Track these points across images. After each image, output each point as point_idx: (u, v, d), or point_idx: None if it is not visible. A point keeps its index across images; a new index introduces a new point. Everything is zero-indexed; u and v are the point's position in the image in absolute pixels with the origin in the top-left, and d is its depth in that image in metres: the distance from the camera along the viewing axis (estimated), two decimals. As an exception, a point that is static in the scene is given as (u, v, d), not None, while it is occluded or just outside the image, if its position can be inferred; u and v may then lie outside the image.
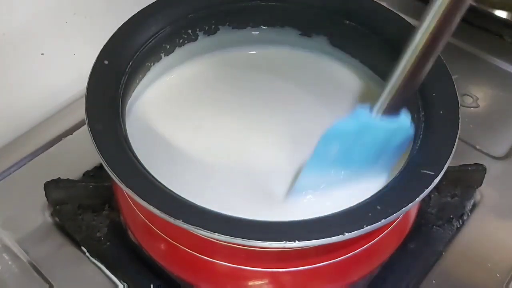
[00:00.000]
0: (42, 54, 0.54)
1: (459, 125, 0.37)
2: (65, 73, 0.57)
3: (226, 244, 0.34)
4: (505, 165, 0.53)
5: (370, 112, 0.37)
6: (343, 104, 0.46)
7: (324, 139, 0.37)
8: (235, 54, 0.49)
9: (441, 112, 0.38)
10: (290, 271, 0.38)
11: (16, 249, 0.46)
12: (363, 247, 0.38)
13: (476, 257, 0.46)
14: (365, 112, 0.37)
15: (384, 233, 0.39)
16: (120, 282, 0.44)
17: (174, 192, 0.34)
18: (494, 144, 0.54)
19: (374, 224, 0.32)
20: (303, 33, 0.48)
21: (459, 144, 0.36)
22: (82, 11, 0.55)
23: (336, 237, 0.31)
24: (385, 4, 0.45)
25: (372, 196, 0.34)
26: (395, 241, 0.42)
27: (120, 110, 0.38)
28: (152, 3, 0.44)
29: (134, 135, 0.38)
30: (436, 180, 0.34)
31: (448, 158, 0.35)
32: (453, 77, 0.40)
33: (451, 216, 0.48)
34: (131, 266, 0.45)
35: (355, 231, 0.32)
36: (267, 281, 0.39)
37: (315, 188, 0.38)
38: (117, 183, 0.33)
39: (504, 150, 0.54)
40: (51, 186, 0.47)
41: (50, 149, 0.53)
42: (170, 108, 0.45)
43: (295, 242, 0.31)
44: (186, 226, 0.31)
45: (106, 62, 0.40)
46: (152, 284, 0.44)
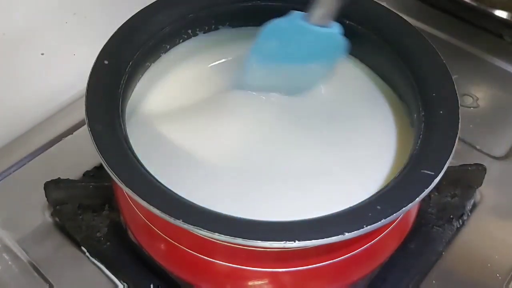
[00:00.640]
0: (42, 54, 0.54)
1: (459, 125, 0.37)
2: (65, 73, 0.57)
3: (226, 244, 0.34)
4: (505, 165, 0.53)
5: (304, 18, 0.40)
6: (342, 100, 0.46)
7: (264, 33, 0.41)
8: (235, 54, 0.49)
9: (441, 112, 0.38)
10: (290, 271, 0.38)
11: (16, 249, 0.46)
12: (363, 247, 0.38)
13: (476, 257, 0.46)
14: (300, 15, 0.41)
15: (384, 233, 0.39)
16: (120, 282, 0.44)
17: (174, 192, 0.34)
18: (494, 144, 0.54)
19: (374, 224, 0.32)
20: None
21: (459, 144, 0.36)
22: (82, 11, 0.55)
23: (336, 237, 0.31)
24: (385, 4, 0.45)
25: (372, 196, 0.34)
26: (395, 241, 0.42)
27: (120, 110, 0.38)
28: (152, 3, 0.44)
29: (134, 135, 0.38)
30: (436, 180, 0.34)
31: (448, 158, 0.35)
32: (453, 77, 0.40)
33: (451, 216, 0.48)
34: (131, 266, 0.45)
35: (355, 231, 0.32)
36: (267, 281, 0.39)
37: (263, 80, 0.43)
38: (117, 183, 0.33)
39: (504, 150, 0.54)
40: (51, 186, 0.47)
41: (50, 149, 0.53)
42: (170, 108, 0.45)
43: (295, 242, 0.31)
44: (186, 226, 0.31)
45: (106, 62, 0.40)
46: (152, 284, 0.44)
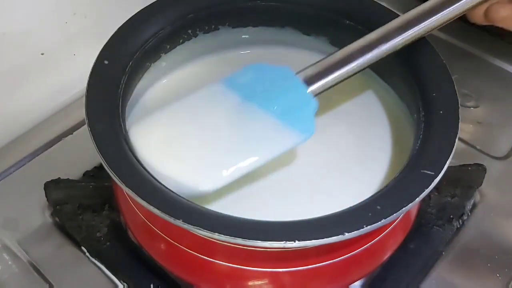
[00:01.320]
0: (42, 54, 0.54)
1: (459, 125, 0.37)
2: (65, 73, 0.57)
3: (226, 244, 0.34)
4: (505, 165, 0.53)
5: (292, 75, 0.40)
6: (342, 100, 0.46)
7: (248, 67, 0.41)
8: (236, 54, 0.49)
9: (441, 112, 0.38)
10: (290, 271, 0.38)
11: (16, 249, 0.46)
12: (363, 247, 0.38)
13: (476, 257, 0.46)
14: (289, 72, 0.40)
15: (384, 233, 0.39)
16: (120, 282, 0.44)
17: (174, 192, 0.34)
18: (494, 144, 0.54)
19: (374, 224, 0.32)
20: (303, 33, 0.48)
21: (459, 144, 0.36)
22: (82, 11, 0.55)
23: (336, 237, 0.31)
24: (385, 4, 0.45)
25: (372, 196, 0.34)
26: (395, 241, 0.42)
27: (120, 110, 0.38)
28: (152, 3, 0.44)
29: (134, 135, 0.38)
30: (436, 180, 0.34)
31: (448, 158, 0.35)
32: (453, 77, 0.40)
33: (451, 216, 0.48)
34: (131, 266, 0.45)
35: (355, 231, 0.32)
36: (267, 281, 0.39)
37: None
38: (117, 183, 0.33)
39: (504, 150, 0.54)
40: (51, 186, 0.47)
41: (50, 149, 0.53)
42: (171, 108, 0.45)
43: (295, 242, 0.31)
44: (186, 226, 0.31)
45: (106, 62, 0.40)
46: (152, 284, 0.44)
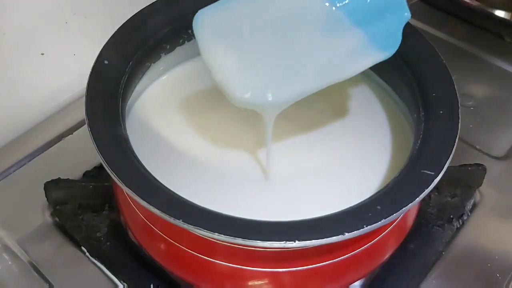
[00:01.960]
0: (42, 54, 0.54)
1: (459, 125, 0.37)
2: (65, 73, 0.57)
3: (226, 244, 0.34)
4: (505, 165, 0.53)
5: None
6: (342, 101, 0.46)
7: None
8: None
9: (441, 112, 0.38)
10: (290, 271, 0.38)
11: (16, 249, 0.46)
12: (363, 247, 0.38)
13: (476, 257, 0.46)
14: None
15: (384, 233, 0.39)
16: (120, 282, 0.44)
17: (174, 192, 0.34)
18: (494, 144, 0.54)
19: (374, 224, 0.32)
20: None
21: (459, 144, 0.36)
22: (82, 11, 0.55)
23: (336, 237, 0.31)
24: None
25: (372, 196, 0.34)
26: (395, 241, 0.42)
27: (120, 110, 0.38)
28: (152, 3, 0.44)
29: (134, 135, 0.38)
30: (436, 180, 0.34)
31: (448, 158, 0.35)
32: (453, 77, 0.40)
33: (451, 216, 0.48)
34: (131, 266, 0.45)
35: (355, 231, 0.32)
36: (267, 281, 0.39)
37: None
38: (117, 183, 0.33)
39: (504, 150, 0.54)
40: (51, 186, 0.47)
41: (50, 149, 0.53)
42: (171, 108, 0.45)
43: (295, 242, 0.31)
44: (186, 226, 0.31)
45: (106, 62, 0.40)
46: (152, 284, 0.44)
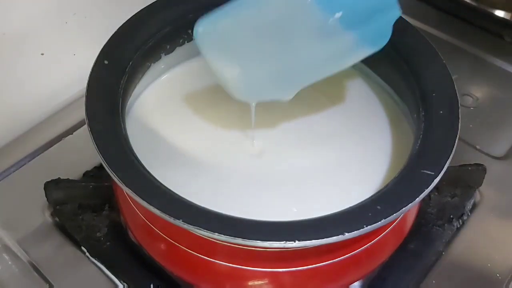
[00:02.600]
0: (42, 54, 0.54)
1: (459, 125, 0.37)
2: (65, 73, 0.57)
3: (226, 244, 0.34)
4: (505, 165, 0.53)
5: None
6: (342, 101, 0.46)
7: None
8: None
9: (441, 112, 0.38)
10: (290, 271, 0.38)
11: (16, 249, 0.46)
12: (363, 247, 0.38)
13: (476, 257, 0.46)
14: None
15: (384, 233, 0.39)
16: (120, 282, 0.44)
17: (174, 192, 0.34)
18: (494, 144, 0.54)
19: (374, 224, 0.32)
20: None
21: (459, 144, 0.36)
22: (82, 11, 0.55)
23: (336, 237, 0.31)
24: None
25: (372, 196, 0.34)
26: (395, 241, 0.42)
27: (120, 110, 0.38)
28: (152, 3, 0.44)
29: (134, 135, 0.38)
30: (436, 180, 0.34)
31: (448, 158, 0.35)
32: (453, 77, 0.40)
33: (451, 216, 0.48)
34: (131, 266, 0.45)
35: (355, 231, 0.32)
36: (267, 281, 0.39)
37: None
38: (117, 183, 0.33)
39: (504, 150, 0.54)
40: (51, 186, 0.47)
41: (50, 149, 0.53)
42: (171, 108, 0.45)
43: (295, 242, 0.31)
44: (186, 226, 0.31)
45: (106, 62, 0.40)
46: (152, 284, 0.44)
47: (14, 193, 0.50)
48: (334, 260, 0.38)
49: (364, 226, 0.32)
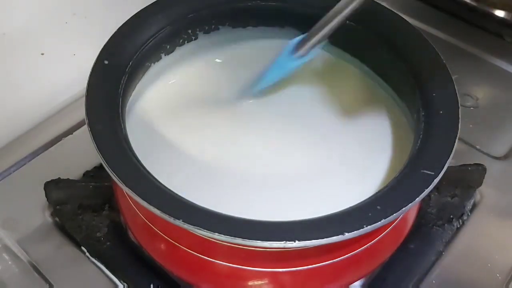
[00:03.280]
0: (42, 54, 0.54)
1: (459, 125, 0.37)
2: (65, 73, 0.57)
3: (226, 244, 0.34)
4: (505, 165, 0.53)
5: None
6: (343, 100, 0.46)
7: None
8: (236, 53, 0.49)
9: (441, 112, 0.38)
10: (290, 271, 0.38)
11: (16, 249, 0.46)
12: (363, 247, 0.38)
13: (476, 257, 0.46)
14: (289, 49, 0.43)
15: (384, 233, 0.39)
16: (120, 282, 0.44)
17: (174, 192, 0.34)
18: (494, 144, 0.54)
19: (374, 224, 0.32)
20: (304, 33, 0.48)
21: (459, 144, 0.36)
22: (82, 11, 0.55)
23: (336, 237, 0.31)
24: (385, 4, 0.45)
25: (372, 196, 0.34)
26: (395, 241, 0.42)
27: (120, 110, 0.38)
28: (152, 3, 0.44)
29: (134, 135, 0.38)
30: (436, 180, 0.34)
31: (448, 158, 0.35)
32: (453, 77, 0.40)
33: (451, 216, 0.48)
34: (131, 266, 0.45)
35: (355, 231, 0.32)
36: (267, 281, 0.39)
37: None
38: (117, 183, 0.33)
39: (504, 150, 0.54)
40: (51, 186, 0.47)
41: (50, 149, 0.53)
42: (171, 108, 0.45)
43: (295, 242, 0.31)
44: (186, 226, 0.31)
45: (106, 62, 0.40)
46: (152, 284, 0.44)
47: (14, 193, 0.50)
48: (334, 260, 0.38)
49: (364, 226, 0.32)
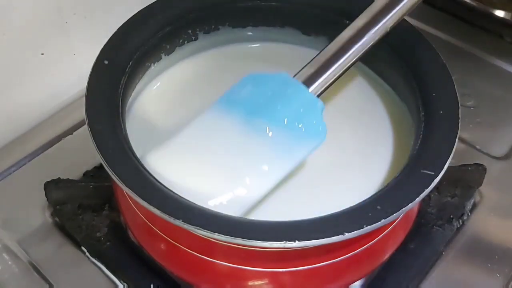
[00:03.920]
0: (42, 54, 0.54)
1: (459, 125, 0.37)
2: (65, 73, 0.57)
3: (226, 244, 0.34)
4: (505, 165, 0.53)
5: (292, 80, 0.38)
6: (342, 101, 0.46)
7: (244, 79, 0.39)
8: (235, 52, 0.49)
9: (441, 112, 0.38)
10: (290, 271, 0.38)
11: (16, 249, 0.46)
12: (363, 247, 0.38)
13: (476, 257, 0.46)
14: (288, 77, 0.38)
15: (384, 233, 0.39)
16: (120, 282, 0.44)
17: (174, 192, 0.34)
18: (494, 144, 0.54)
19: (374, 224, 0.32)
20: (304, 33, 0.48)
21: (459, 144, 0.36)
22: (82, 11, 0.55)
23: (336, 237, 0.31)
24: (385, 4, 0.45)
25: (372, 196, 0.34)
26: (395, 241, 0.42)
27: (120, 110, 0.38)
28: (152, 3, 0.44)
29: (134, 135, 0.38)
30: (436, 180, 0.34)
31: (448, 158, 0.35)
32: (453, 77, 0.40)
33: (451, 216, 0.48)
34: (131, 266, 0.45)
35: (355, 231, 0.32)
36: (267, 281, 0.39)
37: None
38: (117, 183, 0.33)
39: (504, 150, 0.54)
40: (51, 186, 0.47)
41: (50, 149, 0.53)
42: (171, 108, 0.45)
43: (295, 242, 0.31)
44: (186, 226, 0.31)
45: (106, 62, 0.40)
46: (152, 284, 0.44)
47: (14, 193, 0.50)
48: (334, 260, 0.38)
49: (364, 226, 0.32)
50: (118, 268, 0.45)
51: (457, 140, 0.36)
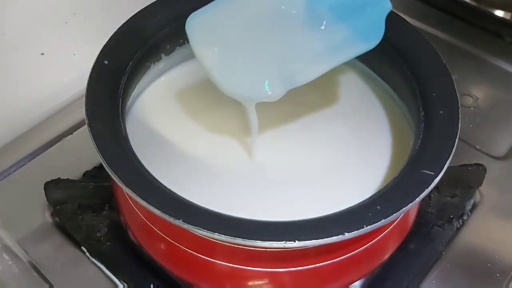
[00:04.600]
0: (42, 54, 0.54)
1: (459, 125, 0.37)
2: (65, 73, 0.57)
3: (226, 244, 0.34)
4: (505, 165, 0.53)
5: None
6: (342, 101, 0.46)
7: None
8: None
9: (441, 112, 0.38)
10: (290, 271, 0.38)
11: (16, 249, 0.46)
12: (363, 247, 0.38)
13: (476, 257, 0.46)
14: None
15: (384, 233, 0.39)
16: (120, 282, 0.44)
17: (174, 192, 0.34)
18: (494, 144, 0.54)
19: (374, 224, 0.32)
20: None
21: (459, 144, 0.36)
22: (82, 11, 0.55)
23: (336, 237, 0.31)
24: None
25: (372, 196, 0.34)
26: (395, 241, 0.42)
27: (120, 110, 0.38)
28: (152, 3, 0.44)
29: (134, 135, 0.38)
30: (436, 180, 0.34)
31: (448, 158, 0.35)
32: (453, 77, 0.40)
33: (451, 216, 0.48)
34: (131, 266, 0.45)
35: (355, 231, 0.32)
36: (267, 281, 0.39)
37: None
38: (117, 183, 0.33)
39: (504, 150, 0.54)
40: (51, 186, 0.47)
41: (50, 149, 0.53)
42: (171, 108, 0.45)
43: (295, 242, 0.31)
44: (186, 226, 0.31)
45: (106, 62, 0.40)
46: (152, 284, 0.44)
47: (14, 193, 0.50)
48: (334, 260, 0.38)
49: (364, 226, 0.32)
50: (118, 268, 0.45)
51: (457, 140, 0.36)
